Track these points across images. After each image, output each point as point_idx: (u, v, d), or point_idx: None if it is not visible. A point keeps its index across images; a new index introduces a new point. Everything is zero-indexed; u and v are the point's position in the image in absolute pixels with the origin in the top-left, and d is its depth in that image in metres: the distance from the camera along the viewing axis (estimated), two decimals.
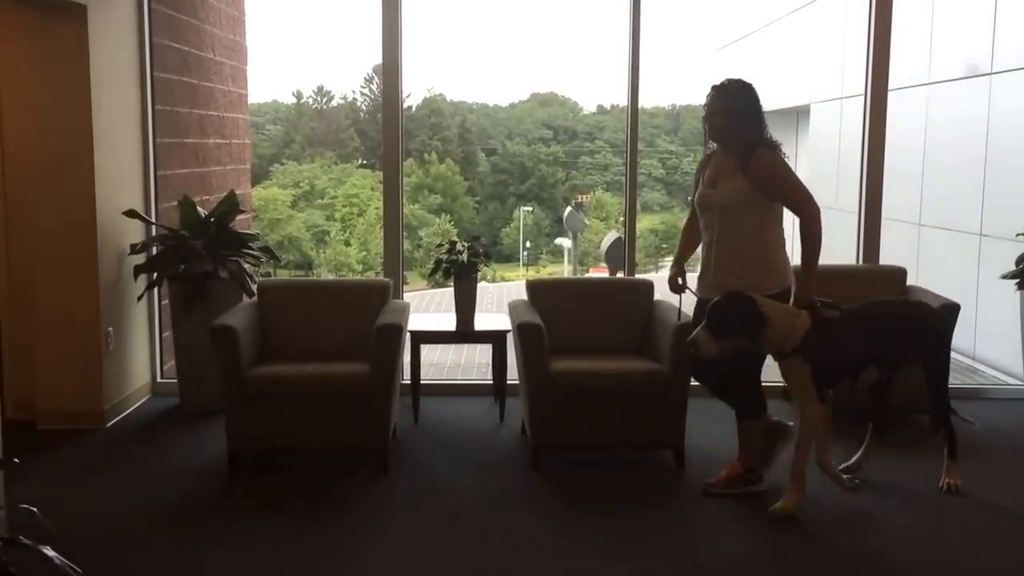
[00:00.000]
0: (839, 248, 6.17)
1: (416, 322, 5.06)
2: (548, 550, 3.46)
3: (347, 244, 29.22)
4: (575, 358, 4.39)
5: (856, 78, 6.30)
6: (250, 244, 5.28)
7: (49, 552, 2.16)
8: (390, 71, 5.35)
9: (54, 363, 4.80)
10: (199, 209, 5.23)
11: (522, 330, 4.27)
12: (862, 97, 5.60)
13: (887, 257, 5.57)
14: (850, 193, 6.05)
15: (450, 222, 29.46)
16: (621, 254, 5.88)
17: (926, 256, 8.27)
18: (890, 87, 5.44)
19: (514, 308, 4.74)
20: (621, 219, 26.50)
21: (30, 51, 4.66)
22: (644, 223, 28.60)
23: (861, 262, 5.55)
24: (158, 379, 5.52)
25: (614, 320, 4.73)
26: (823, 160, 11.64)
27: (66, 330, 4.78)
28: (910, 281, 5.30)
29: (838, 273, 5.39)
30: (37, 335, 4.81)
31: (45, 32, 4.60)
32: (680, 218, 33.80)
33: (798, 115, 13.70)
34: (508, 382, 5.02)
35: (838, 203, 8.63)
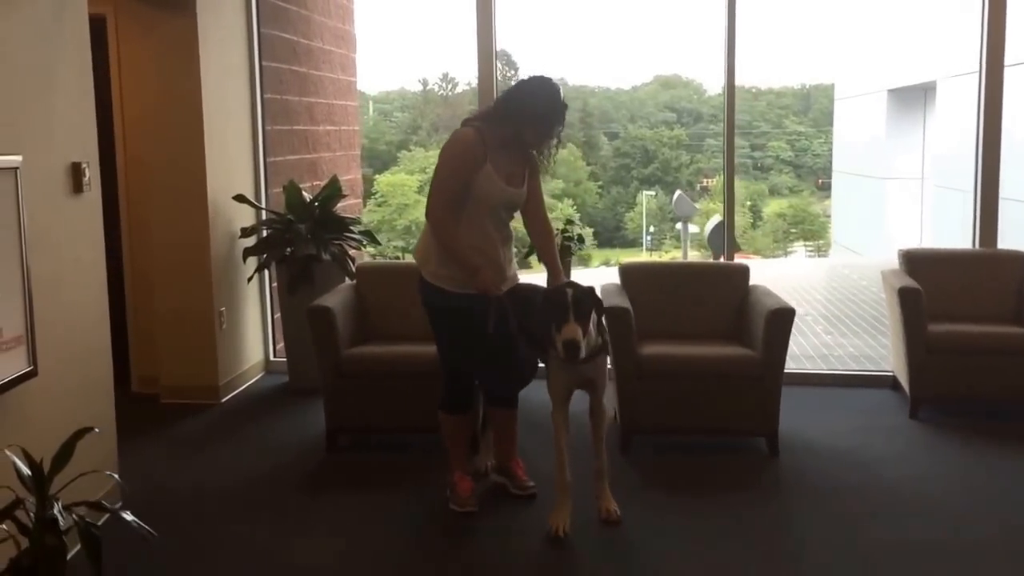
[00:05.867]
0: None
1: None
2: (638, 535, 3.42)
3: None
4: (666, 343, 4.34)
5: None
6: (351, 228, 5.44)
7: (128, 516, 2.32)
8: (484, 55, 5.39)
9: (173, 341, 5.10)
10: (304, 193, 5.42)
11: (609, 314, 4.23)
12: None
13: (1007, 241, 5.21)
14: None
15: (572, 207, 29.32)
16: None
17: None
18: (1011, 61, 5.06)
19: (605, 292, 4.70)
20: (748, 203, 25.73)
21: (145, 45, 4.94)
22: (772, 207, 27.69)
23: (977, 245, 5.21)
24: (271, 358, 5.77)
25: (707, 305, 4.63)
26: (950, 139, 10.96)
27: (183, 310, 5.06)
28: None
29: (949, 257, 5.08)
30: (158, 315, 5.12)
31: (159, 26, 4.87)
32: (810, 202, 32.55)
33: (925, 92, 12.92)
34: None
35: (967, 183, 8.11)
